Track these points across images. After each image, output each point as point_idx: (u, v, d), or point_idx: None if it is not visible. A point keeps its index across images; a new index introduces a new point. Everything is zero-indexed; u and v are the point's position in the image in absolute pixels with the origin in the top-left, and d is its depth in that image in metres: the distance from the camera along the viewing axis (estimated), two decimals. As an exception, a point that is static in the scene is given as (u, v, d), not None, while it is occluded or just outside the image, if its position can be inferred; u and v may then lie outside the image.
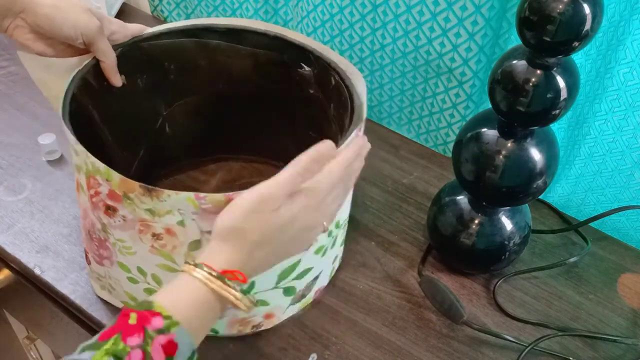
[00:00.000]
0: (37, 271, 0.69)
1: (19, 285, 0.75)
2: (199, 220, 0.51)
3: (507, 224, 0.68)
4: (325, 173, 0.51)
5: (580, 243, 0.78)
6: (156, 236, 0.53)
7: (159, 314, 0.42)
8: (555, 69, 0.56)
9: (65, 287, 0.68)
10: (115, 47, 0.64)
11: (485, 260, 0.71)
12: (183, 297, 0.45)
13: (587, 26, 0.52)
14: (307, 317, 0.67)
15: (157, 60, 0.70)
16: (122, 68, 0.65)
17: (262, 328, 0.64)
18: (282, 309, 0.64)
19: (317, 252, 0.62)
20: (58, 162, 0.82)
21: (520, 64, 0.57)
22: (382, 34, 0.85)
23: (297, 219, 0.50)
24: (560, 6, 0.51)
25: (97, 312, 0.66)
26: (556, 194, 0.83)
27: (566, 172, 0.80)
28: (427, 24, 0.79)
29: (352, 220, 0.78)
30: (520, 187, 0.63)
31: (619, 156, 0.74)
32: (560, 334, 0.67)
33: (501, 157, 0.61)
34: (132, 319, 0.42)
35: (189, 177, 0.81)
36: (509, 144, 0.61)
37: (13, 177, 0.80)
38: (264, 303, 0.61)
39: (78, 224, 0.74)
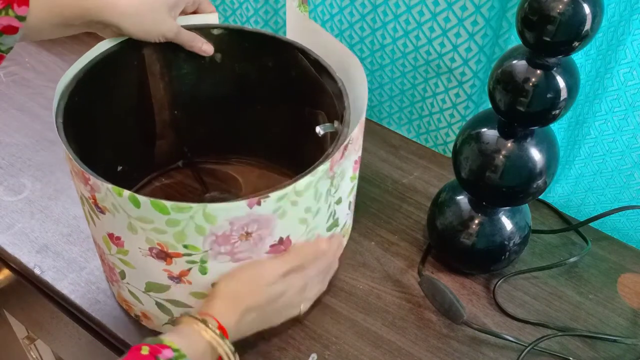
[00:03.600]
0: (37, 271, 0.69)
1: (19, 285, 0.75)
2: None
3: (507, 224, 0.68)
4: (317, 262, 0.60)
5: (580, 243, 0.78)
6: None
7: (169, 347, 0.46)
8: (555, 69, 0.56)
9: (65, 287, 0.68)
10: (110, 48, 0.63)
11: (485, 260, 0.71)
12: (188, 340, 0.49)
13: (587, 26, 0.52)
14: (307, 317, 0.67)
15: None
16: (116, 70, 0.65)
17: None
18: None
19: None
20: (58, 161, 0.82)
21: (520, 64, 0.57)
22: (382, 34, 0.85)
23: (283, 296, 0.57)
24: (560, 6, 0.51)
25: (97, 312, 0.66)
26: (556, 194, 0.83)
27: (566, 172, 0.80)
28: (427, 24, 0.79)
29: (352, 220, 0.78)
30: (520, 187, 0.63)
31: (619, 156, 0.74)
32: (560, 334, 0.67)
33: (501, 157, 0.61)
34: (144, 350, 0.45)
35: (180, 183, 0.80)
36: (509, 144, 0.61)
37: (13, 177, 0.80)
38: None
39: (78, 224, 0.74)
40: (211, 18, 0.69)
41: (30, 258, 0.70)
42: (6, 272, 0.77)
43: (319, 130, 0.62)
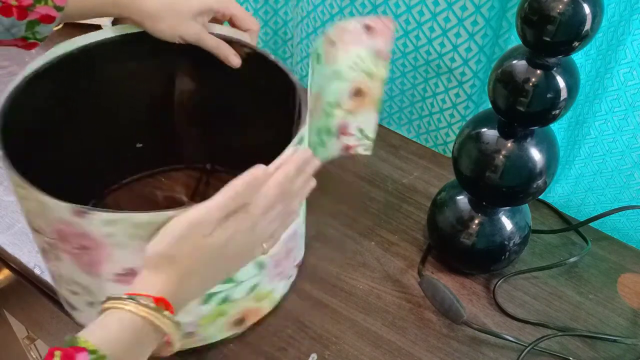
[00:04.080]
0: (37, 271, 0.69)
1: (19, 285, 0.75)
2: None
3: (507, 224, 0.68)
4: (260, 195, 0.50)
5: (580, 243, 0.78)
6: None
7: (84, 349, 0.40)
8: (555, 69, 0.56)
9: (65, 287, 0.68)
10: (59, 56, 0.61)
11: (485, 260, 0.71)
12: (113, 332, 0.43)
13: (587, 26, 0.52)
14: (307, 317, 0.67)
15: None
16: (58, 74, 0.63)
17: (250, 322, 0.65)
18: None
19: None
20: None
21: (520, 64, 0.57)
22: (382, 34, 0.85)
23: (230, 243, 0.49)
24: (560, 6, 0.51)
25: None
26: (556, 194, 0.83)
27: (566, 172, 0.80)
28: (427, 24, 0.79)
29: (353, 220, 0.78)
30: (520, 187, 0.63)
31: (619, 156, 0.74)
32: (560, 334, 0.67)
33: (501, 157, 0.61)
34: (57, 357, 0.40)
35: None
36: (509, 144, 0.61)
37: (13, 177, 0.80)
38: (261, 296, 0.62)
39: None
40: (243, 36, 0.68)
41: (30, 258, 0.70)
42: (6, 272, 0.77)
43: None
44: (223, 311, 0.59)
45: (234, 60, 0.67)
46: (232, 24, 0.68)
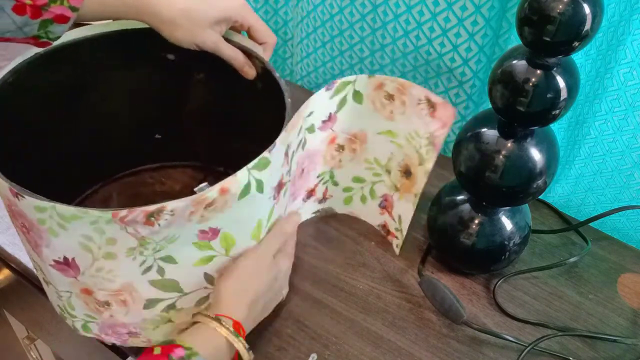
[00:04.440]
0: (37, 271, 0.69)
1: (19, 285, 0.75)
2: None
3: (507, 224, 0.68)
4: (291, 242, 0.63)
5: (580, 243, 0.78)
6: None
7: (180, 346, 0.48)
8: (555, 69, 0.56)
9: (65, 287, 0.68)
10: (40, 53, 0.61)
11: (485, 260, 0.71)
12: (201, 340, 0.51)
13: (587, 26, 0.52)
14: (307, 317, 0.67)
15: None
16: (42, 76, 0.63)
17: None
18: None
19: None
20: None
21: (520, 64, 0.57)
22: (382, 34, 0.85)
23: (277, 279, 0.60)
24: (560, 6, 0.51)
25: (97, 312, 0.66)
26: (556, 194, 0.83)
27: (566, 172, 0.80)
28: (427, 24, 0.80)
29: (353, 220, 0.78)
30: (520, 187, 0.63)
31: (619, 156, 0.74)
32: (560, 334, 0.67)
33: (501, 157, 0.61)
34: (157, 350, 0.47)
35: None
36: (509, 144, 0.61)
37: (13, 177, 0.80)
38: None
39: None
40: (257, 47, 0.66)
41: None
42: (6, 272, 0.77)
43: (195, 190, 0.61)
44: (168, 318, 0.58)
45: (249, 71, 0.66)
46: (249, 35, 0.67)
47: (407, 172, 0.69)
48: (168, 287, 0.54)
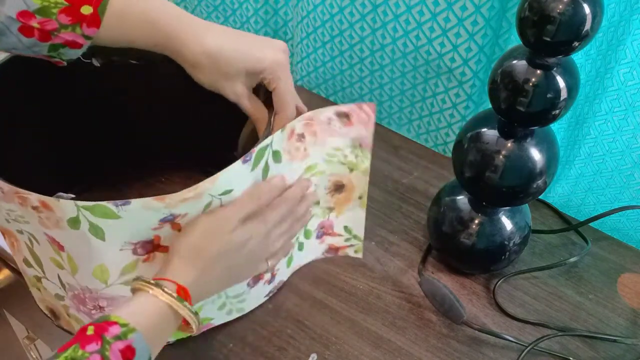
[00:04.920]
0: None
1: (19, 285, 0.75)
2: None
3: (507, 224, 0.68)
4: (273, 207, 0.56)
5: (580, 243, 0.77)
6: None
7: (115, 322, 0.44)
8: (555, 69, 0.56)
9: (65, 287, 0.68)
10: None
11: (485, 260, 0.71)
12: (140, 311, 0.47)
13: (587, 26, 0.52)
14: (307, 317, 0.67)
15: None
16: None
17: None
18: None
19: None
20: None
21: (520, 64, 0.57)
22: (382, 34, 0.85)
23: (247, 244, 0.53)
24: (560, 6, 0.51)
25: (97, 312, 0.66)
26: (556, 194, 0.83)
27: (566, 172, 0.80)
28: (427, 24, 0.80)
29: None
30: (520, 187, 0.63)
31: (619, 156, 0.74)
32: (560, 334, 0.67)
33: (501, 157, 0.61)
34: (90, 330, 0.43)
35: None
36: (509, 144, 0.61)
37: (13, 177, 0.80)
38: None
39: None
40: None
41: (30, 258, 0.70)
42: (6, 272, 0.77)
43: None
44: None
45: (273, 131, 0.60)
46: (272, 95, 0.58)
47: (337, 188, 0.65)
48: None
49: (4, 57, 0.60)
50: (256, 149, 0.52)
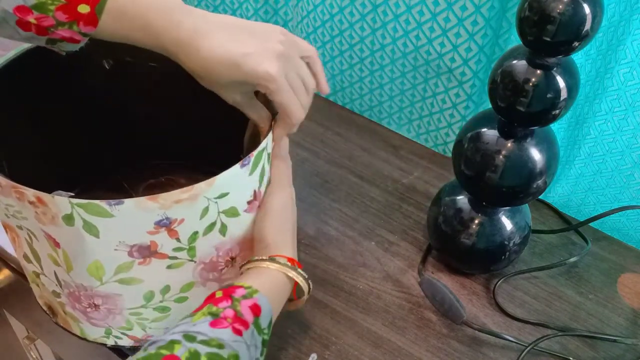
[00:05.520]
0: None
1: (19, 285, 0.75)
2: None
3: (507, 224, 0.68)
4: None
5: (580, 243, 0.78)
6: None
7: (241, 286, 0.49)
8: (555, 69, 0.56)
9: (65, 287, 0.68)
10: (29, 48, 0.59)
11: (485, 260, 0.71)
12: (258, 279, 0.51)
13: (587, 26, 0.52)
14: (307, 317, 0.67)
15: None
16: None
17: None
18: None
19: None
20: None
21: (520, 64, 0.57)
22: (382, 34, 0.85)
23: (294, 201, 0.60)
24: (560, 6, 0.51)
25: (97, 312, 0.66)
26: (556, 194, 0.83)
27: (566, 172, 0.80)
28: (427, 24, 0.79)
29: (353, 220, 0.78)
30: (520, 187, 0.63)
31: (619, 156, 0.74)
32: (560, 334, 0.67)
33: (501, 157, 0.61)
34: (219, 293, 0.48)
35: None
36: (509, 144, 0.61)
37: (13, 177, 0.80)
38: None
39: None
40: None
41: (30, 258, 0.70)
42: (6, 272, 0.77)
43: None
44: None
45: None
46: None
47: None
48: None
49: (4, 59, 0.60)
50: (255, 153, 0.52)
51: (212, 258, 0.55)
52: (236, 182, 0.52)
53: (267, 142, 0.54)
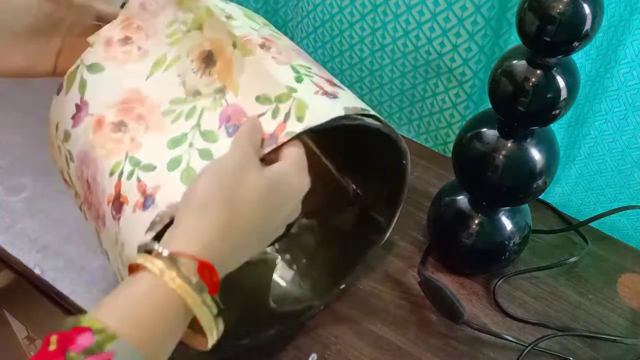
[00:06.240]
0: (37, 271, 0.69)
1: (19, 285, 0.75)
2: None
3: (507, 224, 0.68)
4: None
5: (580, 243, 0.77)
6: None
7: (88, 329, 0.31)
8: (555, 69, 0.56)
9: (65, 287, 0.68)
10: None
11: (485, 260, 0.71)
12: (133, 304, 0.33)
13: (587, 26, 0.52)
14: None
15: None
16: None
17: None
18: None
19: None
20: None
21: (520, 64, 0.57)
22: (382, 34, 0.85)
23: (283, 181, 0.42)
24: (560, 6, 0.51)
25: (97, 312, 0.66)
26: (556, 194, 0.83)
27: (566, 172, 0.80)
28: (427, 24, 0.79)
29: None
30: (520, 187, 0.63)
31: (619, 156, 0.74)
32: (560, 334, 0.67)
33: (501, 157, 0.61)
34: (52, 343, 0.31)
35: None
36: (509, 144, 0.61)
37: (13, 177, 0.80)
38: None
39: (78, 224, 0.74)
40: None
41: (30, 258, 0.70)
42: (6, 272, 0.77)
43: None
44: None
45: None
46: None
47: (207, 60, 0.50)
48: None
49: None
50: (65, 76, 0.51)
51: None
52: (59, 109, 0.53)
53: (80, 60, 0.51)
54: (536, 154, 0.61)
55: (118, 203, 0.46)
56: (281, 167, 0.42)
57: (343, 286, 0.65)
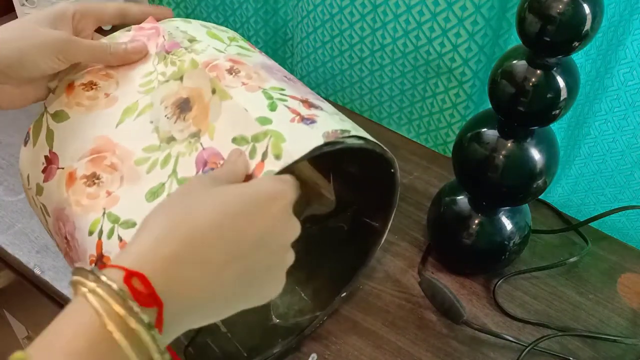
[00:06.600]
0: (37, 271, 0.69)
1: (19, 285, 0.75)
2: None
3: (507, 224, 0.68)
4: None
5: (580, 243, 0.78)
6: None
7: None
8: (555, 69, 0.56)
9: (65, 287, 0.68)
10: None
11: (485, 260, 0.71)
12: (61, 333, 0.30)
13: (587, 26, 0.52)
14: (307, 317, 0.67)
15: None
16: None
17: None
18: None
19: None
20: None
21: (520, 64, 0.57)
22: (382, 34, 0.85)
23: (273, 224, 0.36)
24: (560, 6, 0.51)
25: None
26: (556, 194, 0.83)
27: (566, 172, 0.80)
28: (427, 24, 0.79)
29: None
30: (520, 187, 0.63)
31: (619, 156, 0.74)
32: (560, 334, 0.67)
33: (501, 157, 0.61)
34: None
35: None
36: (509, 144, 0.61)
37: (13, 177, 0.80)
38: None
39: (78, 224, 0.74)
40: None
41: (30, 258, 0.70)
42: (6, 272, 0.77)
43: None
44: None
45: None
46: None
47: (182, 106, 0.48)
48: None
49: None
50: (31, 126, 0.50)
51: None
52: (27, 163, 0.51)
53: (44, 106, 0.50)
54: (536, 154, 0.61)
55: (101, 263, 0.44)
56: (253, 179, 0.40)
57: (344, 294, 0.65)
